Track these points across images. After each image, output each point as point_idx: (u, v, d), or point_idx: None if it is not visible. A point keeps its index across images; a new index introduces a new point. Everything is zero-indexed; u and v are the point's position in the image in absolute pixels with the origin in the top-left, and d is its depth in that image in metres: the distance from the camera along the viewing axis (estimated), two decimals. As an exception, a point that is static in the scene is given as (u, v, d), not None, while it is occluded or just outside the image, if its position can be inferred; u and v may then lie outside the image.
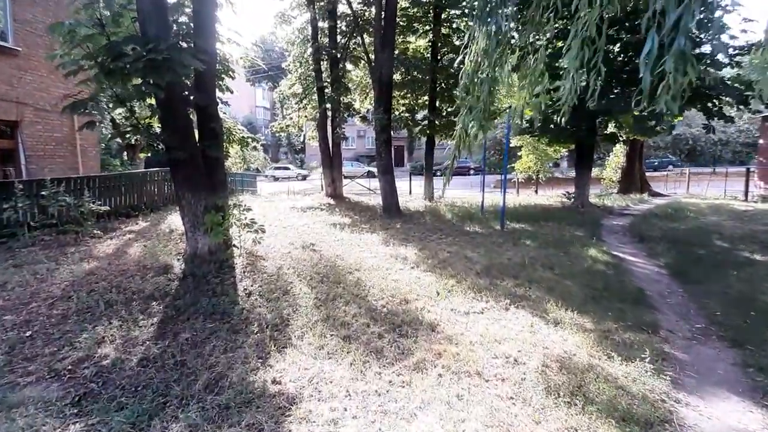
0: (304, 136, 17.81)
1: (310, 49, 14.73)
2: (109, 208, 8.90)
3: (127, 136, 5.40)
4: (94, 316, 4.22)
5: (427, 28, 14.79)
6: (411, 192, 17.75)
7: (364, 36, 13.96)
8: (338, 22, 14.67)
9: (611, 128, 11.51)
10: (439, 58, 14.51)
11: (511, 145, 17.90)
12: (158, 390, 2.93)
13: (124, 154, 16.04)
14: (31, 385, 3.02)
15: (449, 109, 15.29)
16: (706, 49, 9.89)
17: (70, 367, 3.24)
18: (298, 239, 7.86)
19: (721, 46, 7.17)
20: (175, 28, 6.71)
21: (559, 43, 10.60)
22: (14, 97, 9.58)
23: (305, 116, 16.55)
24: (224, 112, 7.04)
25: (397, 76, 14.07)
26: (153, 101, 5.84)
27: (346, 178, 17.10)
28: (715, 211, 10.53)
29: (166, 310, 4.30)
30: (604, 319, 4.11)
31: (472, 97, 3.38)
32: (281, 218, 10.32)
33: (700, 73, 9.62)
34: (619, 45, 10.08)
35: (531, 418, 2.61)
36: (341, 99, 14.26)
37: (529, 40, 3.69)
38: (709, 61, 9.07)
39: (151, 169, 12.03)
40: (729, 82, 9.31)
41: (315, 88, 14.95)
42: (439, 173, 21.89)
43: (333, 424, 2.59)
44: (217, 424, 2.59)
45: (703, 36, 9.93)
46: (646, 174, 16.03)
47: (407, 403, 2.77)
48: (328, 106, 14.72)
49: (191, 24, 6.59)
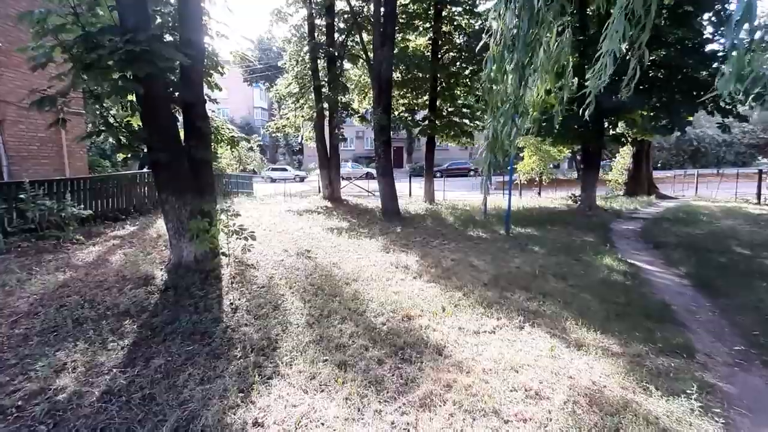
0: (302, 136, 17.34)
1: (306, 47, 14.28)
2: (92, 212, 8.42)
3: (102, 135, 4.94)
4: (59, 336, 3.76)
5: (428, 25, 14.37)
6: (411, 194, 17.29)
7: (363, 34, 13.51)
8: (336, 20, 14.23)
9: (619, 128, 11.07)
10: (440, 56, 14.08)
11: (513, 146, 17.53)
12: (118, 434, 2.48)
13: (119, 154, 15.52)
14: (-31, 428, 2.57)
15: (450, 109, 14.89)
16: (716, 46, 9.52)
17: (20, 403, 2.78)
18: (293, 245, 7.41)
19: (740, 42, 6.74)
20: (159, 20, 6.28)
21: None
22: (-6, 95, 9.12)
23: (302, 116, 16.08)
24: (213, 111, 6.58)
25: (396, 75, 13.65)
26: (134, 97, 5.41)
27: (344, 179, 16.64)
28: (728, 215, 10.12)
29: (140, 330, 3.84)
30: (631, 341, 3.67)
31: (499, 90, 2.88)
32: (276, 222, 9.86)
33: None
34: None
35: (562, 473, 2.17)
36: (339, 98, 13.81)
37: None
38: (722, 58, 8.69)
39: (141, 171, 11.57)
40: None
41: (312, 87, 14.50)
42: (438, 174, 21.48)
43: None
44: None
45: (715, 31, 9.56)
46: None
47: (413, 451, 2.33)
48: (326, 105, 14.27)
49: (177, 16, 6.13)
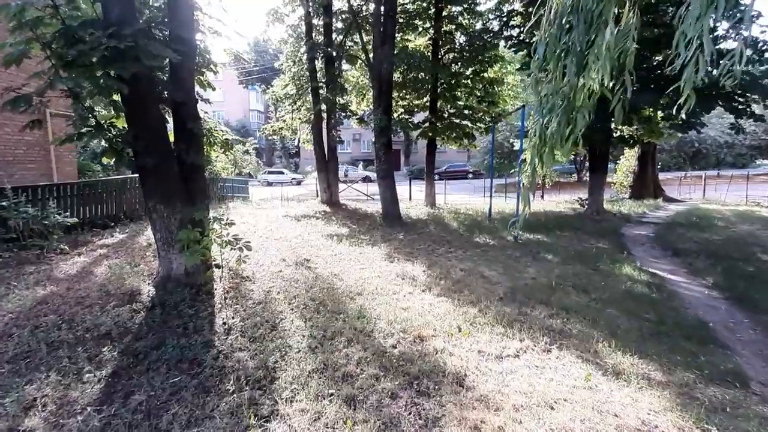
0: (299, 139, 16.92)
1: (303, 47, 13.90)
2: (78, 220, 7.97)
3: (85, 138, 4.52)
4: (31, 365, 3.33)
5: (428, 25, 14.02)
6: (411, 198, 16.92)
7: (362, 33, 13.12)
8: (334, 19, 13.85)
9: (627, 130, 10.73)
10: (441, 56, 13.73)
11: (515, 148, 17.18)
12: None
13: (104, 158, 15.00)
14: None
15: (451, 111, 14.53)
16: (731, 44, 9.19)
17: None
18: (291, 254, 6.98)
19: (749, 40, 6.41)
20: (148, 14, 5.87)
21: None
22: (-25, 97, 8.64)
23: (299, 118, 15.68)
24: (206, 112, 6.17)
25: (396, 76, 13.28)
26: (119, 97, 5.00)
27: (342, 182, 16.22)
28: (743, 219, 9.79)
29: (121, 357, 3.41)
30: (674, 366, 3.28)
31: (551, 80, 2.45)
32: (273, 228, 9.43)
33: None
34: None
35: None
36: (337, 100, 13.42)
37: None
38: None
39: (133, 175, 11.10)
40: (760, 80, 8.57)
41: (309, 89, 14.11)
42: (437, 177, 21.11)
43: None
44: None
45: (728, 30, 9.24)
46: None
47: None
48: (324, 107, 13.88)
49: (167, 10, 5.72)
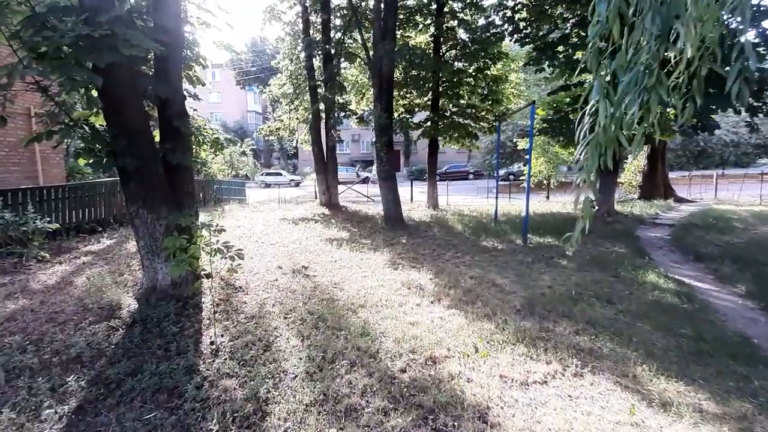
0: (297, 140, 16.49)
1: (301, 45, 13.47)
2: (59, 226, 7.51)
3: (56, 136, 4.07)
4: (-17, 398, 2.88)
5: (429, 21, 13.60)
6: (412, 199, 16.49)
7: (362, 30, 12.69)
8: (332, 16, 13.42)
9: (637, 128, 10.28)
10: (443, 53, 13.31)
11: (519, 147, 16.76)
12: None
13: (79, 160, 14.54)
14: None
15: (453, 109, 14.11)
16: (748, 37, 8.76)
17: None
18: (288, 261, 6.54)
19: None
20: (132, 2, 5.44)
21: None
22: (-47, 96, 8.19)
23: (297, 118, 15.25)
24: (194, 109, 5.73)
25: (396, 74, 12.85)
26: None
27: (340, 184, 15.76)
28: (762, 220, 9.37)
29: (90, 387, 2.96)
30: (727, 394, 2.84)
31: (615, 49, 1.90)
32: (269, 233, 8.98)
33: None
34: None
35: None
36: (336, 98, 12.98)
37: None
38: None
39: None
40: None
41: (307, 87, 13.68)
42: (437, 177, 20.61)
43: None
44: None
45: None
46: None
47: None
48: (322, 106, 13.45)
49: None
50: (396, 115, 13.96)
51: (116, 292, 4.82)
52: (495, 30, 11.78)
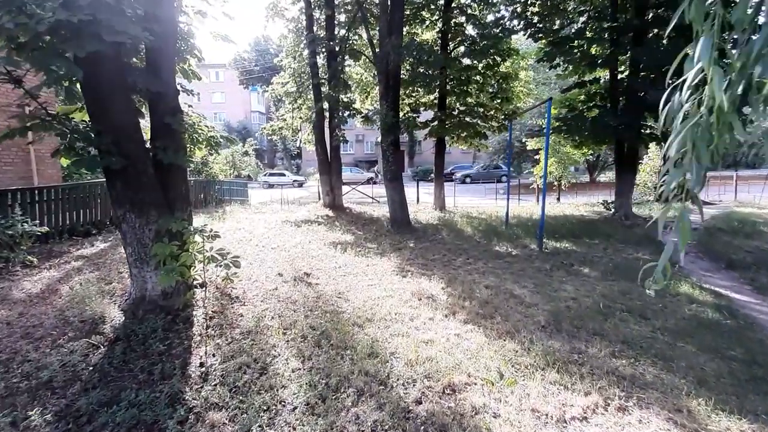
0: (300, 139, 16.10)
1: (304, 42, 13.08)
2: (48, 229, 7.16)
3: (30, 132, 3.69)
4: (-66, 433, 2.49)
5: (436, 17, 13.18)
6: (418, 200, 16.05)
7: (368, 26, 12.28)
8: (336, 11, 13.02)
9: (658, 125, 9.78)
10: (450, 50, 12.87)
11: (528, 148, 16.27)
12: None
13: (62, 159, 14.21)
14: None
15: (461, 108, 13.67)
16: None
17: None
18: (289, 267, 6.14)
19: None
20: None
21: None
22: (-59, 92, 7.87)
23: (300, 117, 14.86)
24: (189, 105, 5.35)
25: (402, 73, 12.43)
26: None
27: (344, 184, 15.34)
28: (791, 224, 8.89)
29: (56, 422, 2.56)
30: (805, 438, 2.40)
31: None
32: (270, 236, 8.59)
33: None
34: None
35: None
36: (340, 97, 12.57)
37: None
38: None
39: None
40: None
41: (310, 85, 13.29)
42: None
43: None
44: None
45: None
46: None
47: None
48: (326, 105, 13.05)
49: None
50: (402, 114, 13.54)
51: (102, 303, 4.43)
52: (505, 24, 11.34)
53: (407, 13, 12.45)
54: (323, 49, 13.06)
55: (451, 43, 13.04)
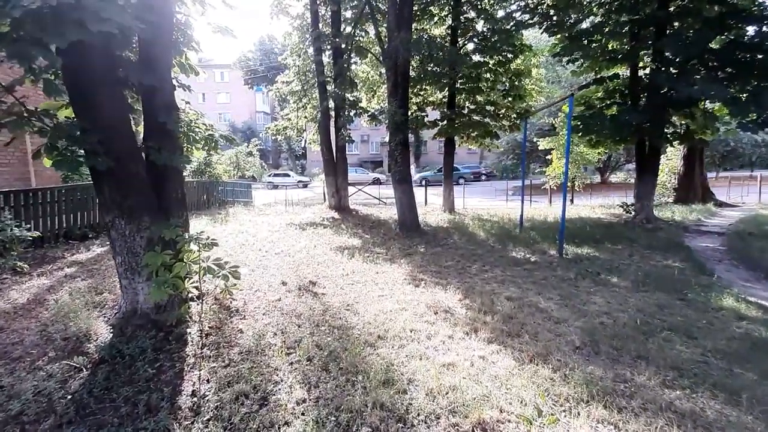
0: (305, 139, 15.76)
1: (309, 39, 12.71)
2: (40, 234, 6.83)
3: (4, 129, 3.32)
4: None
5: (445, 12, 12.76)
6: (427, 202, 15.63)
7: (376, 21, 11.87)
8: (342, 7, 12.63)
9: (687, 122, 9.23)
10: (460, 46, 12.44)
11: (540, 148, 15.78)
12: None
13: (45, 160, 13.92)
14: None
15: (471, 106, 13.25)
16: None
17: None
18: (294, 274, 5.76)
19: None
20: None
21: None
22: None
23: (305, 116, 14.51)
24: (186, 102, 4.98)
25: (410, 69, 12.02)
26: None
27: (350, 185, 14.95)
28: (826, 228, 8.36)
29: (20, 469, 2.18)
30: None
31: None
32: (274, 240, 8.22)
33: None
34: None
35: None
36: (346, 95, 12.18)
37: None
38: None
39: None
40: None
41: (316, 84, 12.92)
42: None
43: None
44: None
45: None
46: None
47: None
48: (331, 104, 12.68)
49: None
50: (410, 113, 13.13)
51: (89, 318, 4.05)
52: (521, 13, 10.89)
53: (416, 8, 12.04)
54: (329, 47, 12.70)
55: (460, 39, 12.63)
